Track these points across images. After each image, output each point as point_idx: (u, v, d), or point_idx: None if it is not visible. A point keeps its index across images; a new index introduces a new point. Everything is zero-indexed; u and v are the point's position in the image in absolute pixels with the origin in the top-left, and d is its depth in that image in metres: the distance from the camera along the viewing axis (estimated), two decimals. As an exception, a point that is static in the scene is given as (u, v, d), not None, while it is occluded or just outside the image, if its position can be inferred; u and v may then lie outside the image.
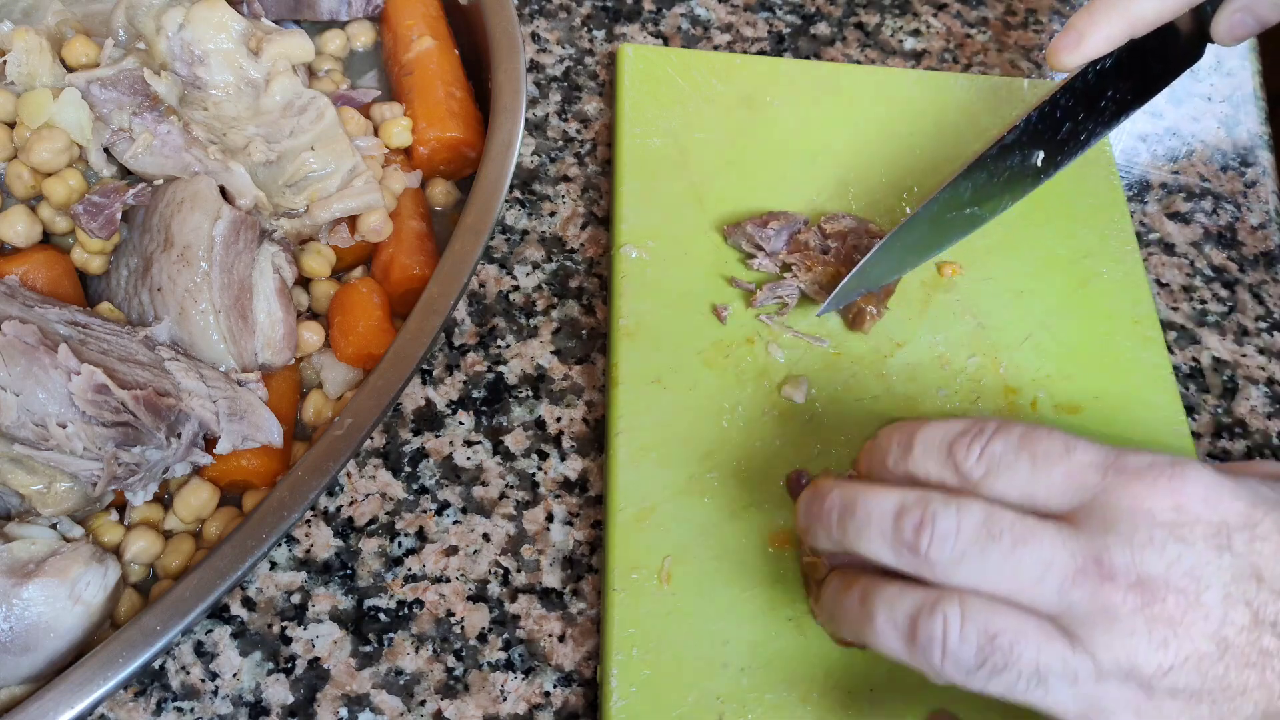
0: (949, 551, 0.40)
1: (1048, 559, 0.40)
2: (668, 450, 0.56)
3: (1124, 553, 0.39)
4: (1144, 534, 0.39)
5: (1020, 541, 0.40)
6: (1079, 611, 0.39)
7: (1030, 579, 0.40)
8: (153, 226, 0.53)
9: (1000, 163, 0.58)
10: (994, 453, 0.42)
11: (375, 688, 0.50)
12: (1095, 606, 0.39)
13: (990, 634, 0.40)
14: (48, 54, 0.56)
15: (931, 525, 0.41)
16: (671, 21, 0.76)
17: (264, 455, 0.52)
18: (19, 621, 0.44)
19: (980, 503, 0.41)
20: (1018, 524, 0.40)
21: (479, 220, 0.56)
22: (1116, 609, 0.39)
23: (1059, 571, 0.39)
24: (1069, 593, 0.39)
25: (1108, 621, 0.39)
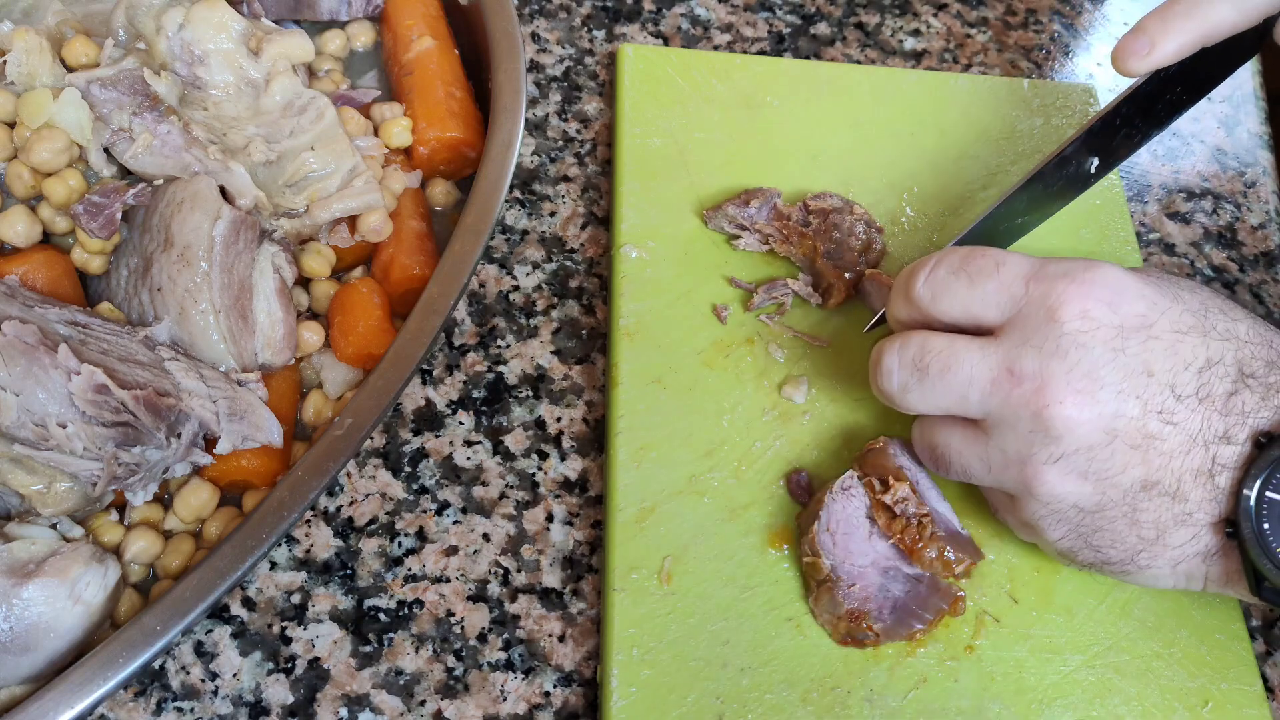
0: (895, 385, 0.49)
1: (969, 376, 0.47)
2: (668, 450, 0.56)
3: (1033, 360, 0.46)
4: (1052, 342, 0.46)
5: (945, 369, 0.48)
6: (995, 414, 0.47)
7: (958, 396, 0.48)
8: (153, 226, 0.53)
9: (1057, 173, 0.58)
10: (937, 278, 0.49)
11: (375, 688, 0.50)
12: (1007, 408, 0.46)
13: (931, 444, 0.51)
14: (48, 54, 0.56)
15: (880, 363, 0.50)
16: (671, 21, 0.76)
17: (264, 455, 0.52)
18: (19, 621, 0.44)
19: (916, 338, 0.49)
20: (944, 351, 0.48)
21: (479, 220, 0.56)
22: (1021, 408, 0.46)
23: (980, 384, 0.47)
24: (988, 400, 0.47)
25: (1014, 420, 0.46)
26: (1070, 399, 0.45)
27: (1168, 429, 0.45)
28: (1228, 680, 0.52)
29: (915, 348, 0.49)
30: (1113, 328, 0.46)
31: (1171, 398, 0.45)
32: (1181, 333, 0.46)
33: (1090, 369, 0.45)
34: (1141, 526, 0.46)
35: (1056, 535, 0.49)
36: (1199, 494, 0.45)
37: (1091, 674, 0.52)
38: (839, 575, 0.51)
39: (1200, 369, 0.46)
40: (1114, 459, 0.46)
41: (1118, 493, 0.46)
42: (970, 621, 0.53)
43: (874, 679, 0.51)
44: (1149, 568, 0.48)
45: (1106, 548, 0.48)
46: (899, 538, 0.52)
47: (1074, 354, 0.45)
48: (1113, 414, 0.45)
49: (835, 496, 0.52)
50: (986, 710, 0.50)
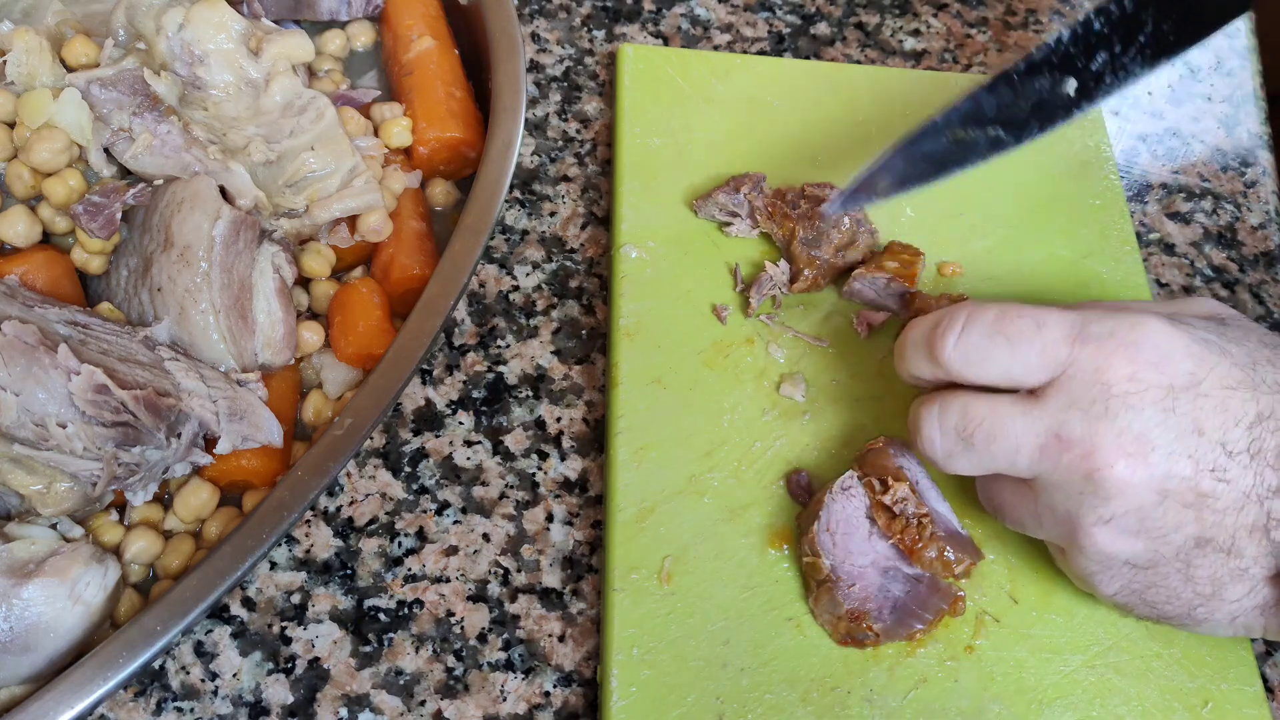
0: (939, 452, 0.49)
1: (1016, 444, 0.46)
2: (668, 450, 0.56)
3: (1081, 424, 0.45)
4: (1099, 405, 0.45)
5: (991, 438, 0.47)
6: (1045, 478, 0.47)
7: (1006, 462, 0.47)
8: (153, 226, 0.53)
9: (1028, 83, 0.55)
10: (970, 343, 0.47)
11: (375, 688, 0.50)
12: (1057, 473, 0.46)
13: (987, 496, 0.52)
14: (48, 54, 0.56)
15: (919, 429, 0.49)
16: (671, 21, 0.76)
17: (264, 455, 0.52)
18: (19, 621, 0.44)
19: (955, 404, 0.48)
20: (988, 420, 0.47)
21: (479, 220, 0.56)
22: (1071, 471, 0.45)
23: (1027, 450, 0.46)
24: (1036, 465, 0.46)
25: (1064, 483, 0.46)
26: (1121, 462, 0.45)
27: (1220, 486, 0.45)
28: (1228, 680, 0.52)
29: (956, 416, 0.48)
30: (1161, 388, 0.45)
31: (1223, 455, 0.45)
32: (1231, 388, 0.45)
33: (1141, 431, 0.45)
34: (1197, 583, 0.46)
35: (1111, 590, 0.49)
36: (1254, 549, 0.45)
37: (1091, 674, 0.52)
38: (839, 575, 0.51)
39: (1250, 424, 0.45)
40: (1166, 518, 0.45)
41: (1171, 550, 0.46)
42: (970, 621, 0.53)
43: (874, 679, 0.51)
44: (1206, 621, 0.48)
45: (1162, 604, 0.48)
46: (899, 538, 0.52)
47: (1124, 417, 0.45)
48: (1164, 475, 0.45)
49: (835, 496, 0.52)
50: (986, 710, 0.50)
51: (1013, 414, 0.47)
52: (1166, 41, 0.56)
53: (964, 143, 0.56)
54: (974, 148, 0.56)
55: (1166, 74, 0.79)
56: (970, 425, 0.47)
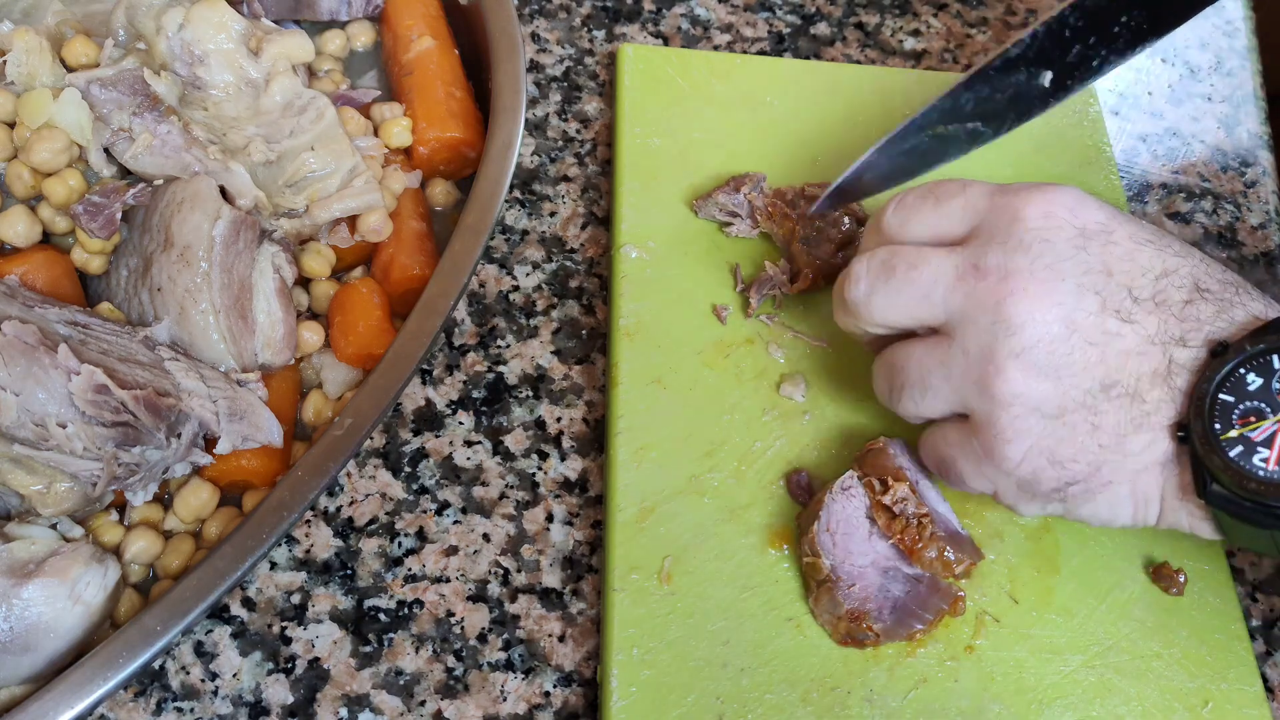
0: (862, 290, 0.50)
1: (934, 275, 0.48)
2: (668, 450, 0.56)
3: (997, 254, 0.47)
4: (1015, 238, 0.47)
5: (912, 267, 0.49)
6: (958, 312, 0.48)
7: (922, 294, 0.48)
8: (153, 226, 0.53)
9: (1005, 78, 0.57)
10: (906, 203, 0.51)
11: (375, 688, 0.50)
12: (971, 303, 0.47)
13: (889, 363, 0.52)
14: (48, 54, 0.56)
15: (849, 275, 0.51)
16: (671, 21, 0.76)
17: (264, 455, 0.52)
18: (19, 621, 0.44)
19: (885, 248, 0.50)
20: (911, 254, 0.49)
21: (479, 220, 0.56)
22: (984, 301, 0.47)
23: (944, 282, 0.48)
24: (951, 296, 0.48)
25: (976, 314, 0.47)
26: (1033, 288, 0.46)
27: (1125, 327, 0.46)
28: (1228, 680, 0.52)
29: (884, 253, 0.50)
30: (1074, 228, 0.47)
31: (1129, 299, 0.46)
32: (1139, 243, 0.47)
33: (1052, 262, 0.46)
34: (1102, 433, 0.46)
35: (1018, 455, 0.47)
36: (1156, 394, 0.46)
37: (1091, 674, 0.52)
38: (839, 575, 0.51)
39: (1157, 276, 0.47)
40: (1074, 355, 0.46)
41: (1079, 393, 0.46)
42: (970, 621, 0.53)
43: (874, 679, 0.51)
44: (1110, 483, 0.47)
45: (1069, 461, 0.47)
46: (899, 538, 0.52)
47: (1036, 247, 0.47)
48: (1073, 306, 0.46)
49: (835, 496, 0.52)
50: (986, 710, 0.50)
51: (936, 251, 0.49)
52: (1140, 31, 0.57)
53: (943, 138, 0.58)
54: (953, 142, 0.58)
55: (1166, 74, 0.79)
56: (895, 258, 0.49)
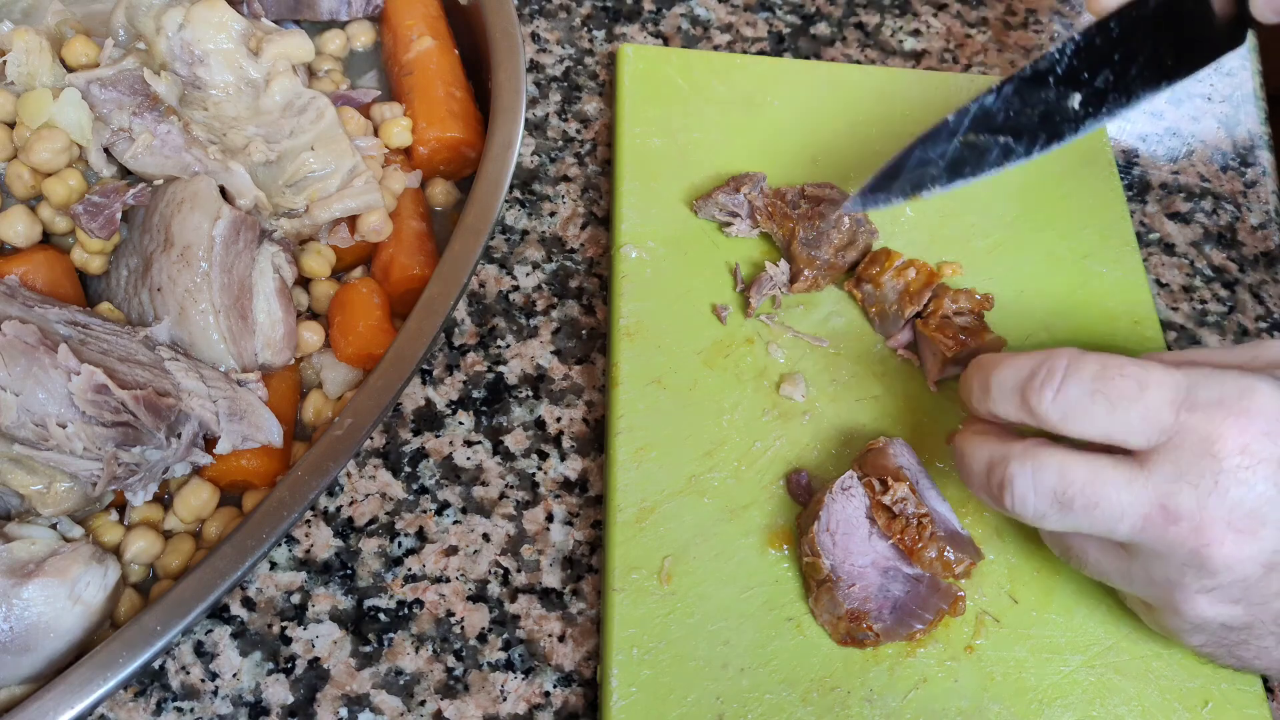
0: (1030, 512, 0.46)
1: (1119, 512, 0.44)
2: (668, 450, 0.56)
3: (1190, 498, 0.43)
4: (1209, 479, 0.43)
5: (1092, 504, 0.44)
6: (1147, 546, 0.45)
7: (1105, 529, 0.45)
8: (153, 226, 0.53)
9: (1035, 92, 0.55)
10: (1068, 397, 0.45)
11: (375, 688, 0.50)
12: (1161, 544, 0.44)
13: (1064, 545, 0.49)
14: (48, 54, 0.56)
15: (1010, 487, 0.46)
16: (671, 21, 0.76)
17: (264, 455, 0.52)
18: (19, 621, 0.44)
19: (1053, 464, 0.45)
20: (1089, 485, 0.44)
21: (479, 220, 0.56)
22: (1176, 547, 0.44)
23: (1131, 519, 0.44)
24: (1139, 534, 0.44)
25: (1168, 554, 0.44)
26: (1230, 538, 0.43)
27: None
28: (1228, 680, 0.52)
29: (1054, 477, 0.45)
30: (1274, 462, 0.43)
31: None
32: None
33: (1254, 508, 0.43)
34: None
35: (1197, 642, 0.48)
36: None
37: (1091, 674, 0.52)
38: (839, 575, 0.51)
39: None
40: (1270, 587, 0.44)
41: (1269, 614, 0.45)
42: (970, 621, 0.53)
43: (874, 679, 0.51)
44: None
45: (1251, 659, 0.47)
46: (899, 538, 0.52)
47: (1235, 491, 0.43)
48: (1273, 550, 0.43)
49: (835, 496, 0.52)
50: (986, 710, 0.50)
51: (1115, 481, 0.44)
52: (1165, 66, 0.55)
53: (976, 147, 0.55)
54: (986, 154, 0.55)
55: (1166, 74, 0.79)
56: (1070, 490, 0.45)
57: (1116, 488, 0.44)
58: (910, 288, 0.60)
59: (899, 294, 0.60)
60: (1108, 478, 0.44)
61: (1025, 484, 0.45)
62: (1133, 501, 0.44)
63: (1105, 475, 0.44)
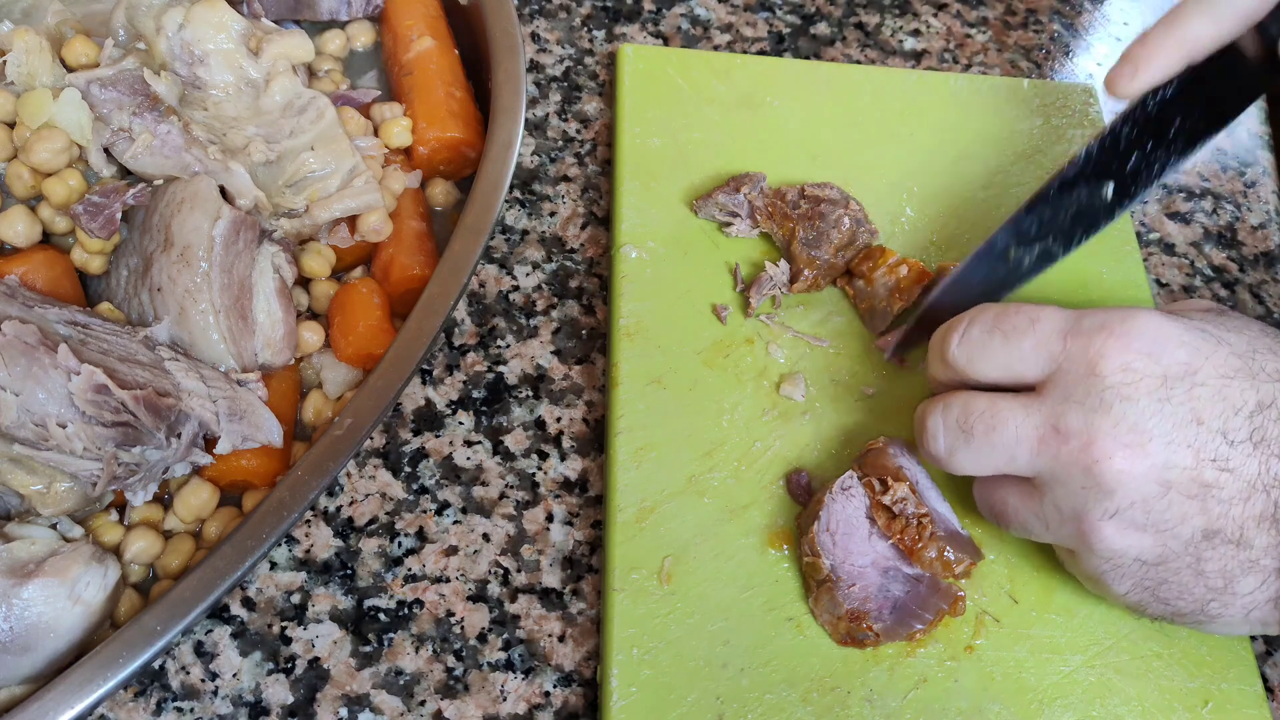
0: (942, 448, 0.49)
1: (1015, 437, 0.47)
2: (668, 450, 0.56)
3: (1077, 415, 0.45)
4: (1095, 397, 0.45)
5: (990, 429, 0.48)
6: (1046, 472, 0.47)
7: (1006, 456, 0.47)
8: (153, 226, 0.53)
9: (1065, 197, 0.57)
10: (971, 338, 0.49)
11: (375, 688, 0.50)
12: (1058, 466, 0.46)
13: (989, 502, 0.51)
14: (48, 54, 0.56)
15: (924, 428, 0.50)
16: (671, 21, 0.76)
17: (264, 455, 0.52)
18: (19, 621, 0.44)
19: (958, 400, 0.49)
20: (988, 412, 0.48)
21: (479, 220, 0.56)
22: (1071, 466, 0.45)
23: (1026, 444, 0.47)
24: (1036, 459, 0.47)
25: (1065, 477, 0.46)
26: (1120, 453, 0.45)
27: (1224, 476, 0.44)
28: (1228, 680, 0.52)
29: (958, 410, 0.48)
30: (1156, 378, 0.45)
31: (1224, 444, 0.44)
32: (1228, 377, 0.45)
33: (1136, 422, 0.45)
34: (1208, 576, 0.46)
35: (1122, 589, 0.48)
36: (1264, 540, 0.44)
37: (1091, 674, 0.52)
38: (839, 575, 0.51)
39: (1251, 413, 0.45)
40: (1171, 510, 0.45)
41: (1179, 544, 0.45)
42: (970, 621, 0.53)
43: (874, 679, 0.51)
44: (1220, 616, 0.47)
45: (1175, 600, 0.47)
46: (899, 538, 0.52)
47: (1118, 407, 0.45)
48: (1164, 465, 0.44)
49: (835, 497, 0.52)
50: (986, 710, 0.50)
51: (1012, 407, 0.47)
52: (1198, 130, 0.56)
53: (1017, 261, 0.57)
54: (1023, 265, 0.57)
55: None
56: (971, 417, 0.48)
57: (1012, 412, 0.47)
58: (901, 284, 0.60)
59: (889, 290, 0.60)
60: (1005, 405, 0.47)
61: (935, 422, 0.49)
62: (1026, 422, 0.46)
63: (1002, 403, 0.48)
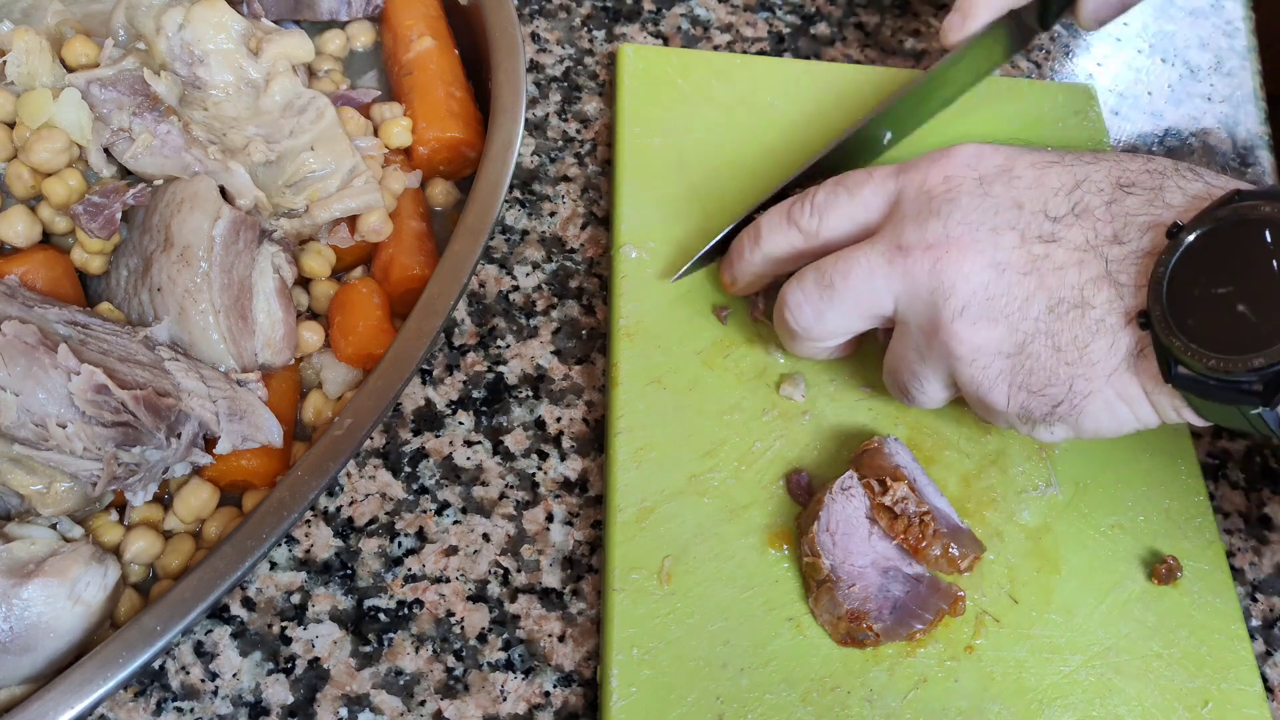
0: (810, 315, 0.52)
1: (869, 270, 0.50)
2: (668, 450, 0.56)
3: (913, 229, 0.49)
4: (925, 209, 0.49)
5: (845, 274, 0.50)
6: (902, 296, 0.49)
7: (867, 293, 0.50)
8: (153, 226, 0.53)
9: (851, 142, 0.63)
10: (819, 201, 0.52)
11: (375, 688, 0.50)
12: (908, 282, 0.49)
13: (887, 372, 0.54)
14: (48, 54, 0.56)
15: (787, 304, 0.53)
16: (671, 21, 0.76)
17: (264, 455, 0.52)
18: (19, 621, 0.44)
19: (809, 267, 0.52)
20: (839, 261, 0.51)
21: (479, 220, 0.56)
22: (918, 276, 0.48)
23: (880, 273, 0.50)
24: (891, 284, 0.49)
25: (915, 291, 0.49)
26: (952, 250, 0.48)
27: (1051, 247, 0.47)
28: (1228, 680, 0.52)
29: (812, 273, 0.52)
30: (974, 180, 0.49)
31: (1046, 220, 0.48)
32: (1043, 167, 0.49)
33: (962, 218, 0.48)
34: (1064, 351, 0.47)
35: (1003, 398, 0.49)
36: (1103, 296, 0.46)
37: (1091, 674, 0.52)
38: (839, 575, 0.51)
39: (1070, 190, 0.48)
40: (1011, 291, 0.47)
41: (1029, 324, 0.47)
42: (970, 621, 0.53)
43: (874, 679, 0.51)
44: (1090, 394, 0.47)
45: (1046, 387, 0.48)
46: (902, 538, 0.52)
47: (944, 209, 0.49)
48: (993, 248, 0.48)
49: (835, 497, 0.52)
50: (986, 710, 0.50)
51: (859, 246, 0.51)
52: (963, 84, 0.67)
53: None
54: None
55: (1166, 74, 0.79)
56: (826, 273, 0.51)
57: (860, 251, 0.50)
58: None
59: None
60: (853, 251, 0.51)
61: (795, 293, 0.52)
62: (874, 252, 0.50)
63: (851, 251, 0.51)
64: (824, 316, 0.52)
